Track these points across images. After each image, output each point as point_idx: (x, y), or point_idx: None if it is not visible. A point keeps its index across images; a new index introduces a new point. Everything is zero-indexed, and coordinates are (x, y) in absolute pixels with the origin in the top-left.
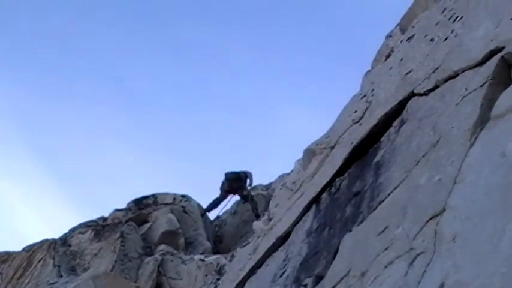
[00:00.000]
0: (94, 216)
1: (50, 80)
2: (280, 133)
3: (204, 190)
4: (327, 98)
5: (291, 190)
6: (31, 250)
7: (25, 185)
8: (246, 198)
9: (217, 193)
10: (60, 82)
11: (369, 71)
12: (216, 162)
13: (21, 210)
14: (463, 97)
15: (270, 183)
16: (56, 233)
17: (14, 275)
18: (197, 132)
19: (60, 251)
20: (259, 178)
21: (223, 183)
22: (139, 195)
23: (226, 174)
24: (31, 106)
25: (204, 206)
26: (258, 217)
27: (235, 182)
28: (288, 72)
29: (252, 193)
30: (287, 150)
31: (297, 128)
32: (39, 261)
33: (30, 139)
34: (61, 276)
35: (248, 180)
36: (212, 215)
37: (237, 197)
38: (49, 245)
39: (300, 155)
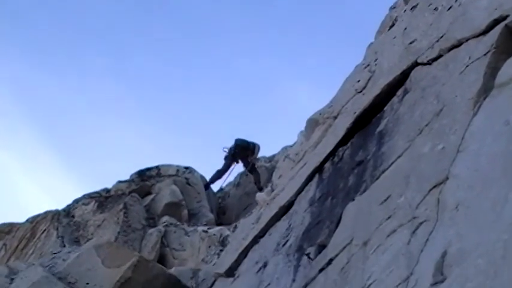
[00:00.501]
0: (97, 188)
1: (52, 53)
2: (281, 107)
3: (206, 163)
4: (329, 73)
5: (294, 161)
6: (35, 221)
7: (27, 158)
8: (250, 168)
9: (220, 166)
10: (62, 56)
11: (372, 42)
12: (218, 136)
13: (24, 183)
14: (467, 66)
15: (273, 155)
16: (60, 205)
17: (17, 246)
18: (200, 106)
19: (64, 222)
20: (262, 151)
21: (230, 150)
22: (142, 167)
23: (237, 141)
24: (33, 80)
25: (207, 178)
26: (260, 189)
27: (243, 151)
28: (290, 47)
29: (256, 165)
30: (289, 124)
31: (299, 102)
32: (43, 232)
33: (31, 113)
34: (64, 246)
35: (255, 152)
36: (215, 187)
37: (240, 169)
38: (53, 216)
39: (301, 128)
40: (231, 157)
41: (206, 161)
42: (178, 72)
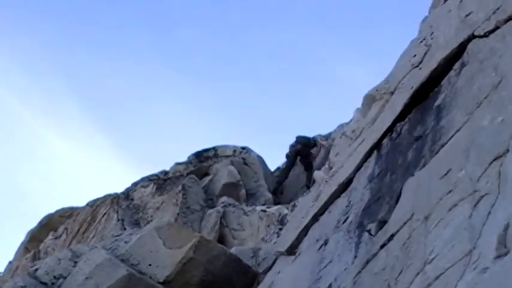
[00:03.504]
0: (155, 170)
1: (103, 38)
2: (337, 84)
3: (262, 142)
4: (384, 49)
5: (351, 138)
6: (95, 205)
7: (85, 145)
8: (309, 166)
9: (274, 146)
10: (114, 39)
11: (426, 16)
12: (275, 118)
13: (83, 169)
14: None
15: (329, 133)
16: (118, 189)
17: (79, 229)
18: (252, 84)
19: (124, 205)
20: (319, 129)
21: (292, 146)
22: (199, 149)
23: (298, 138)
24: (86, 66)
25: (264, 158)
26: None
27: (305, 148)
28: (342, 22)
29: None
30: (345, 100)
31: (353, 78)
32: (103, 215)
33: (85, 99)
34: (125, 229)
35: (317, 149)
36: (272, 166)
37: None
38: (112, 199)
39: (357, 105)
40: (294, 155)
41: (261, 139)
42: (232, 52)
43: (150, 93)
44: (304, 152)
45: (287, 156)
